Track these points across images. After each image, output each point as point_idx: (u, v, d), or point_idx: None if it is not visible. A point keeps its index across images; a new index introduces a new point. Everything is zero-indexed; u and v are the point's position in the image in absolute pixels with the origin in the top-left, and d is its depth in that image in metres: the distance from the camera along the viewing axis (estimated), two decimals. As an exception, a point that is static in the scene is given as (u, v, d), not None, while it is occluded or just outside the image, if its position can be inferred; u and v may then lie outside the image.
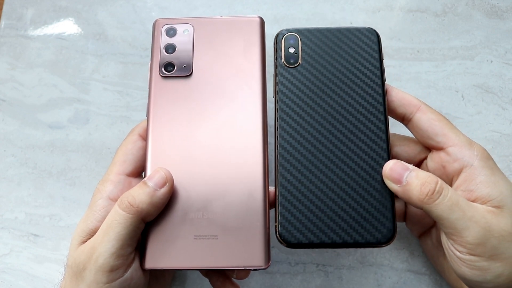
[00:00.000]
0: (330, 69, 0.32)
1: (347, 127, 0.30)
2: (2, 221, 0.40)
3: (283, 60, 0.32)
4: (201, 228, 0.29)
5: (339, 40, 0.32)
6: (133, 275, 0.28)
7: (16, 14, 0.45)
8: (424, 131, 0.30)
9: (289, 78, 0.31)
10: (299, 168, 0.30)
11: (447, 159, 0.30)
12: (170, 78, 0.32)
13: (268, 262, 0.29)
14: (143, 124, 0.32)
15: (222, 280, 0.32)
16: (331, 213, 0.29)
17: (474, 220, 0.26)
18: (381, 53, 0.32)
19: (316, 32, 0.32)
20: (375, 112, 0.31)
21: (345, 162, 0.30)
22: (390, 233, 0.29)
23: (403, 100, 0.31)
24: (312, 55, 0.32)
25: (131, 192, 0.28)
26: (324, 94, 0.31)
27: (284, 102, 0.31)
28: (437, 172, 0.31)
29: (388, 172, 0.29)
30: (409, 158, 0.33)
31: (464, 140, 0.29)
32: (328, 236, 0.29)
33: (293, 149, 0.30)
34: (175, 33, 0.33)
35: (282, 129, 0.30)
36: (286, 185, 0.29)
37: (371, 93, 0.31)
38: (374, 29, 0.33)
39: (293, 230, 0.29)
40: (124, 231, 0.27)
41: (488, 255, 0.26)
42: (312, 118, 0.31)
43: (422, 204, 0.27)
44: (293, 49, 0.32)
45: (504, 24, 0.43)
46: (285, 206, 0.29)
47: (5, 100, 0.43)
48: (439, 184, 0.27)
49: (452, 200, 0.27)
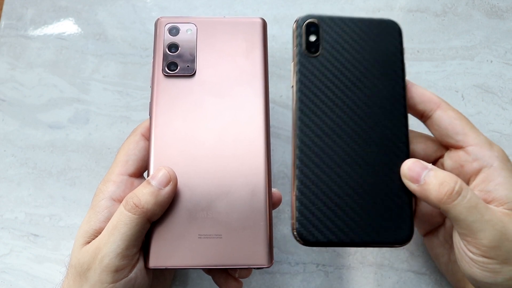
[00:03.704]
0: (351, 60, 0.30)
1: (367, 123, 0.29)
2: (2, 221, 0.40)
3: (303, 48, 0.30)
4: (205, 227, 0.29)
5: (361, 31, 0.31)
6: (137, 275, 0.28)
7: (16, 14, 0.45)
8: (444, 129, 0.30)
9: (309, 67, 0.30)
10: (318, 163, 0.28)
11: (466, 158, 0.29)
12: (173, 77, 0.32)
13: (271, 261, 0.29)
14: (145, 123, 0.32)
15: (225, 277, 0.32)
16: (350, 211, 0.28)
17: (491, 223, 0.26)
18: (402, 47, 0.31)
19: (338, 20, 0.31)
20: (397, 108, 0.29)
21: (365, 159, 0.29)
22: (408, 232, 0.28)
23: (423, 97, 0.31)
24: (333, 45, 0.30)
25: (136, 192, 0.28)
26: (344, 87, 0.30)
27: (304, 94, 0.29)
28: (455, 171, 0.30)
29: (406, 171, 0.28)
30: (426, 156, 0.32)
31: (484, 140, 0.29)
32: (347, 235, 0.27)
33: (312, 143, 0.28)
34: (178, 32, 0.33)
35: (301, 121, 0.29)
36: (304, 180, 0.28)
37: (393, 88, 0.30)
38: (396, 23, 0.31)
39: (311, 228, 0.27)
40: (130, 231, 0.27)
41: (501, 259, 0.26)
42: (332, 112, 0.29)
43: (440, 204, 0.27)
44: (315, 37, 0.30)
45: (504, 24, 0.44)
46: (303, 203, 0.28)
47: (5, 100, 0.43)
48: (458, 184, 0.27)
49: (471, 201, 0.26)
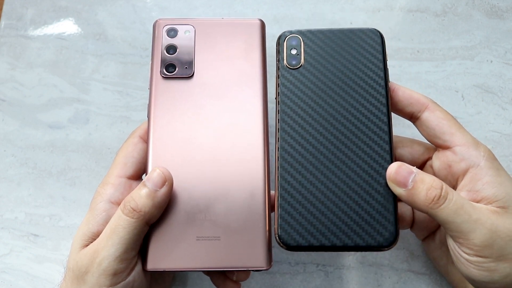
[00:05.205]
0: (332, 71, 0.31)
1: (349, 129, 0.30)
2: (2, 221, 0.40)
3: (285, 62, 0.31)
4: (204, 229, 0.29)
5: (342, 42, 0.32)
6: (135, 278, 0.28)
7: (16, 14, 0.45)
8: (431, 129, 0.30)
9: (291, 79, 0.31)
10: (300, 170, 0.29)
11: (454, 158, 0.29)
12: (171, 79, 0.32)
13: (270, 263, 0.29)
14: (144, 126, 0.32)
15: (223, 279, 0.32)
16: (332, 216, 0.28)
17: (480, 222, 0.26)
18: (385, 54, 0.31)
19: (319, 33, 0.32)
20: (378, 114, 0.30)
21: (347, 164, 0.29)
22: (392, 237, 0.28)
23: (411, 99, 0.31)
24: (314, 57, 0.31)
25: (133, 196, 0.28)
26: (326, 96, 0.31)
27: (286, 104, 0.30)
28: (443, 171, 0.30)
29: (393, 175, 0.28)
30: (413, 159, 0.32)
31: (471, 140, 0.29)
32: (328, 239, 0.28)
33: (294, 151, 0.30)
34: (176, 34, 0.33)
35: (283, 130, 0.30)
36: (286, 187, 0.29)
37: (374, 95, 0.30)
38: (377, 30, 0.32)
39: (292, 232, 0.28)
40: (128, 235, 0.27)
41: (495, 256, 0.26)
42: (314, 120, 0.30)
43: (427, 208, 0.27)
44: (295, 50, 0.32)
45: (504, 24, 0.43)
46: (284, 208, 0.28)
47: (5, 100, 0.43)
48: (444, 189, 0.27)
49: (457, 203, 0.27)
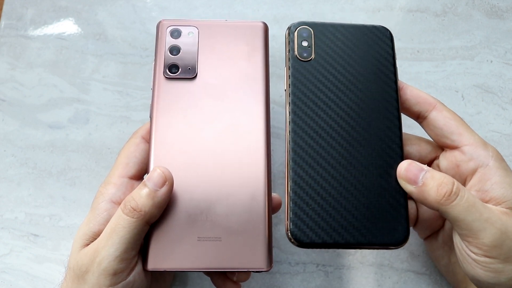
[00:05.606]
0: (343, 65, 0.31)
1: (360, 125, 0.29)
2: (2, 221, 0.40)
3: (296, 53, 0.31)
4: (205, 230, 0.29)
5: (353, 37, 0.31)
6: (135, 278, 0.28)
7: (16, 14, 0.45)
8: (439, 129, 0.30)
9: (301, 71, 0.30)
10: (312, 164, 0.28)
11: (462, 158, 0.29)
12: (174, 79, 0.32)
13: (271, 265, 0.29)
14: (146, 126, 0.32)
15: (223, 279, 0.32)
16: (345, 212, 0.28)
17: (490, 221, 0.26)
18: (394, 52, 0.31)
19: (330, 27, 0.32)
20: (389, 110, 0.30)
21: (359, 160, 0.29)
22: (404, 234, 0.28)
23: (419, 98, 0.31)
24: (326, 50, 0.31)
25: (133, 195, 0.28)
26: (338, 91, 0.30)
27: (297, 96, 0.30)
28: (451, 171, 0.30)
29: (403, 173, 0.28)
30: (421, 158, 0.32)
31: (479, 140, 0.29)
32: (342, 236, 0.27)
33: (306, 144, 0.29)
34: (179, 35, 0.33)
35: (294, 123, 0.29)
36: (298, 181, 0.28)
37: (385, 91, 0.30)
38: (387, 28, 0.32)
39: (305, 228, 0.27)
40: (128, 235, 0.27)
41: (503, 257, 0.26)
42: (325, 114, 0.29)
43: (438, 205, 0.27)
44: (306, 42, 0.31)
45: (504, 24, 0.43)
46: (297, 203, 0.28)
47: (5, 100, 0.43)
48: (455, 185, 0.27)
49: (469, 201, 0.26)
